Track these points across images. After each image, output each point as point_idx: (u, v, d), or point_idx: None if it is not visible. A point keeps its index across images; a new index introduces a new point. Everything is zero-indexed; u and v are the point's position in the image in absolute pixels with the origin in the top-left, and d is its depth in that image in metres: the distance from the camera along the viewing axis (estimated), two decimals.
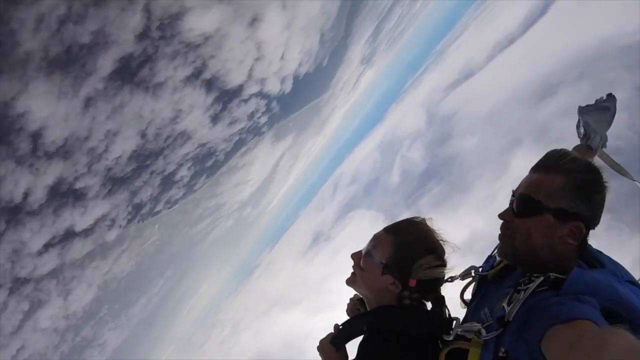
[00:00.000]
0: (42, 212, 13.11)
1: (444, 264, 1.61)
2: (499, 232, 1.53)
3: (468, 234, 18.28)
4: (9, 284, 13.03)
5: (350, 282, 1.72)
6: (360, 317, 1.69)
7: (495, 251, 1.71)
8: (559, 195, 1.37)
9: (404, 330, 1.51)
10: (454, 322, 1.45)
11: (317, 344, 1.72)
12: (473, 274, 1.71)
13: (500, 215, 1.51)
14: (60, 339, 16.26)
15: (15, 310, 13.65)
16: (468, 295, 1.76)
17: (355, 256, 1.71)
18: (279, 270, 26.41)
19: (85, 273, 16.42)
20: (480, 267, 1.75)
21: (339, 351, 1.65)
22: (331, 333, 1.70)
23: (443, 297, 1.66)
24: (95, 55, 12.16)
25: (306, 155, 28.50)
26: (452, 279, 1.66)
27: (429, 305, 1.65)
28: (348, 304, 1.99)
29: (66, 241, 14.76)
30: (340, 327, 1.69)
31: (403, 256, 1.58)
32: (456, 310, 1.65)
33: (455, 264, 1.62)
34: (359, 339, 1.63)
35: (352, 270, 1.71)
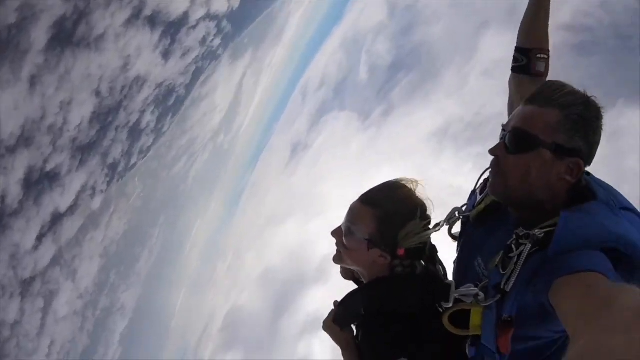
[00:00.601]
0: (24, 208, 12.73)
1: (429, 223, 1.60)
2: (490, 169, 1.47)
3: (442, 120, 18.80)
4: (18, 289, 13.10)
5: (337, 260, 1.71)
6: (355, 296, 1.69)
7: (478, 187, 1.70)
8: (555, 130, 1.32)
9: (399, 307, 1.54)
10: (451, 287, 1.43)
11: (322, 324, 1.75)
12: (457, 215, 1.68)
13: (492, 151, 1.43)
14: (82, 319, 16.84)
15: (32, 312, 13.90)
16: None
17: (336, 234, 1.67)
18: (265, 189, 26.88)
19: (84, 248, 16.46)
20: (464, 205, 1.72)
21: (344, 330, 1.68)
22: (333, 311, 1.72)
23: (435, 251, 1.68)
24: (26, 31, 10.92)
25: (268, 69, 27.36)
26: (438, 226, 1.65)
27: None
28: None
29: (56, 225, 14.56)
30: (338, 306, 1.71)
31: (386, 229, 1.55)
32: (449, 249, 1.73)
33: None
34: None
35: (337, 248, 1.69)
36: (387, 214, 1.55)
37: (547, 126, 1.31)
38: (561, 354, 1.35)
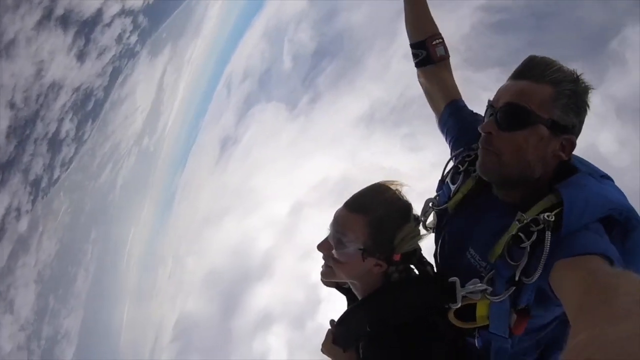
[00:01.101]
0: None
1: (418, 225, 1.55)
2: (480, 147, 1.41)
3: (368, 104, 19.47)
4: None
5: (327, 275, 1.59)
6: (356, 313, 1.59)
7: (448, 176, 1.65)
8: (551, 106, 1.29)
9: (407, 315, 1.45)
10: (456, 285, 1.38)
11: (321, 347, 1.67)
12: (431, 207, 1.63)
13: (483, 128, 1.37)
14: (28, 351, 15.43)
15: None
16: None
17: (324, 248, 1.54)
18: (197, 189, 26.02)
19: (17, 275, 15.03)
20: (436, 196, 1.67)
21: (347, 351, 1.58)
22: (330, 331, 1.64)
23: (421, 252, 1.60)
24: None
25: (189, 64, 26.22)
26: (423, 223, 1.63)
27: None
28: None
29: None
30: (337, 325, 1.62)
31: (381, 235, 1.46)
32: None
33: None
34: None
35: (324, 263, 1.58)
36: (380, 219, 1.46)
37: (543, 102, 1.29)
38: (563, 327, 1.46)
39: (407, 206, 1.52)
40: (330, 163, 18.63)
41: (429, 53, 1.83)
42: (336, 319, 1.65)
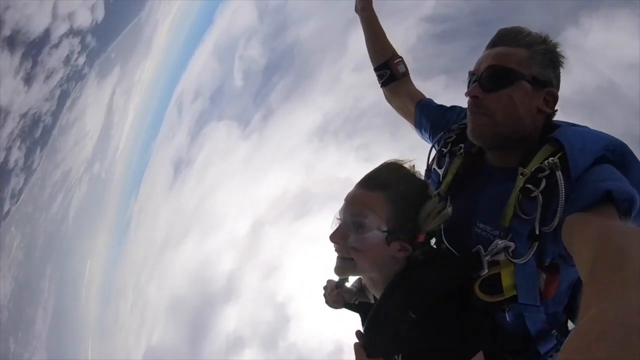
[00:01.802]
0: None
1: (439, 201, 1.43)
2: (469, 113, 1.45)
3: (321, 116, 19.69)
4: None
5: (345, 270, 1.38)
6: (386, 307, 1.36)
7: (434, 162, 1.67)
8: (529, 64, 1.37)
9: (447, 288, 1.31)
10: (480, 252, 1.32)
11: None
12: None
13: (470, 93, 1.42)
14: None
15: None
16: None
17: (339, 236, 1.35)
18: (153, 214, 24.91)
19: None
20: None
21: (389, 359, 1.37)
22: (358, 345, 1.43)
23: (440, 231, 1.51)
24: None
25: (139, 85, 25.43)
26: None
27: None
28: (329, 295, 1.77)
29: None
30: (367, 333, 1.42)
31: (405, 213, 1.33)
32: None
33: None
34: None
35: (339, 256, 1.36)
36: (403, 195, 1.33)
37: (521, 61, 1.37)
38: None
39: (425, 182, 1.45)
40: (286, 178, 18.49)
41: (392, 71, 1.98)
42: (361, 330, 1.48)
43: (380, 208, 1.31)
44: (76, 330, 22.22)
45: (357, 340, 1.44)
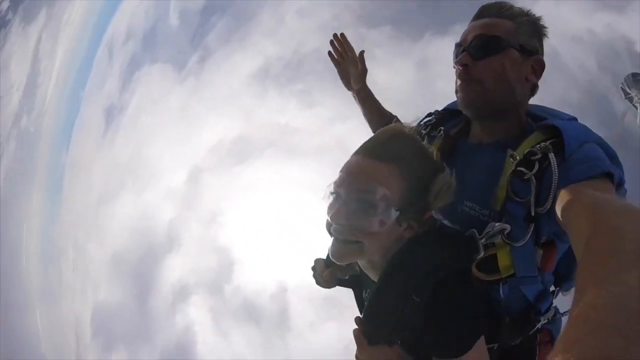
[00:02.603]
0: None
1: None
2: (459, 82, 1.46)
3: (261, 60, 18.71)
4: None
5: (350, 256, 1.27)
6: (388, 288, 1.22)
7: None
8: (514, 34, 1.40)
9: (452, 266, 1.23)
10: (473, 236, 1.28)
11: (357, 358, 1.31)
12: None
13: (459, 61, 1.43)
14: None
15: None
16: None
17: (344, 217, 1.20)
18: (86, 166, 23.98)
19: None
20: None
21: (393, 345, 1.26)
22: (358, 332, 1.27)
23: None
24: None
25: (67, 28, 23.51)
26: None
27: None
28: (321, 276, 1.68)
29: None
30: (368, 318, 1.27)
31: (418, 190, 1.22)
32: None
33: None
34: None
35: (343, 239, 1.22)
36: (415, 169, 1.22)
37: (508, 31, 1.40)
38: None
39: (431, 149, 1.33)
40: (225, 123, 18.19)
41: None
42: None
43: (394, 183, 1.18)
44: (21, 298, 21.85)
45: (356, 327, 1.29)
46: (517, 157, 1.28)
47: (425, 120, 1.68)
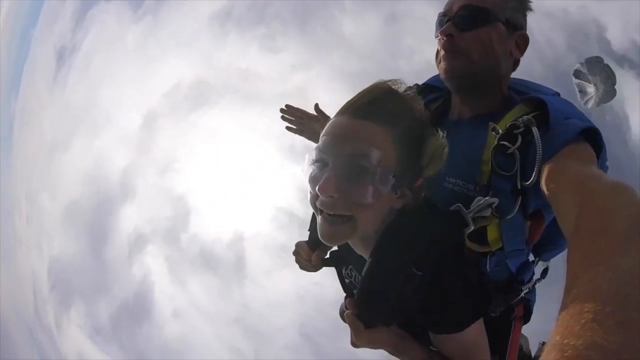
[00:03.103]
0: None
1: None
2: (443, 53, 1.44)
3: (224, 1, 17.52)
4: None
5: (343, 235, 1.14)
6: (381, 266, 1.13)
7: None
8: (502, 6, 1.41)
9: (450, 240, 1.18)
10: (460, 209, 1.22)
11: (353, 342, 1.24)
12: None
13: (444, 31, 1.41)
14: None
15: None
16: None
17: (334, 188, 1.05)
18: (37, 112, 23.22)
19: None
20: None
21: (391, 325, 1.21)
22: (351, 315, 1.19)
23: None
24: None
25: None
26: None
27: None
28: (307, 261, 1.57)
29: None
30: (362, 300, 1.18)
31: (411, 153, 1.13)
32: None
33: None
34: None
35: (333, 214, 1.10)
36: (409, 131, 1.13)
37: (495, 4, 1.39)
38: None
39: (426, 112, 1.26)
40: (182, 67, 17.65)
41: None
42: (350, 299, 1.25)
43: (389, 146, 1.08)
44: None
45: (349, 309, 1.21)
46: (500, 131, 1.26)
47: None
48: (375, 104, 1.11)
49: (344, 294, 1.49)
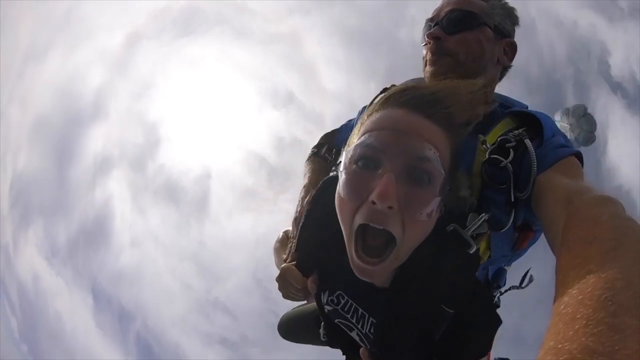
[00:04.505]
0: None
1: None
2: (430, 56, 1.43)
3: None
4: None
5: (389, 264, 0.96)
6: (405, 307, 1.02)
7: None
8: (490, 13, 1.43)
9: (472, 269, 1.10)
10: (457, 230, 1.10)
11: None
12: None
13: (431, 34, 1.42)
14: None
15: None
16: None
17: (390, 196, 0.87)
18: (14, 20, 21.56)
19: None
20: None
21: None
22: (366, 353, 1.10)
23: None
24: None
25: None
26: None
27: None
28: (291, 286, 1.38)
29: None
30: (385, 333, 1.08)
31: (454, 164, 1.05)
32: None
33: None
34: None
35: (382, 228, 0.92)
36: (457, 138, 1.02)
37: (483, 9, 1.42)
38: None
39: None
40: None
41: None
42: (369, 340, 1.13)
43: (445, 153, 0.94)
44: None
45: (362, 348, 1.14)
46: (489, 144, 1.25)
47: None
48: (441, 102, 0.97)
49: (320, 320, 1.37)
